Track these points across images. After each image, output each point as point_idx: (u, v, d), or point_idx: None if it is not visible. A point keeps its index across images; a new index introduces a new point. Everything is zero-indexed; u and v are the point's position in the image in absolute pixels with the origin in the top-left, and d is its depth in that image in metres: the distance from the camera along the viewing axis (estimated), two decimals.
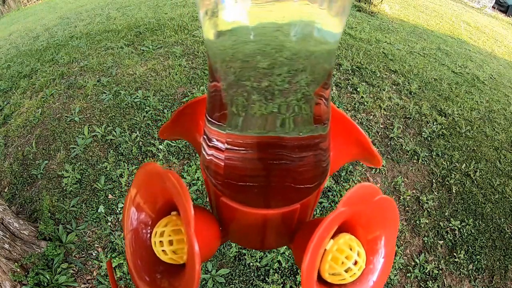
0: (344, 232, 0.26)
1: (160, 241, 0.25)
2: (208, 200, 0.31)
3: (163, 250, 0.25)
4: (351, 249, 0.25)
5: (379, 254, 0.26)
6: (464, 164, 2.67)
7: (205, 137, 0.27)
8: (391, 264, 0.26)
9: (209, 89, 0.25)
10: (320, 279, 0.25)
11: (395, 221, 0.26)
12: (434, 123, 3.00)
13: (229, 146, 0.24)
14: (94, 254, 1.93)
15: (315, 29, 0.19)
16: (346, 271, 0.24)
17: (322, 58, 0.21)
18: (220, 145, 0.25)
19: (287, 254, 1.91)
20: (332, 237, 0.25)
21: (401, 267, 2.02)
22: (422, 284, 1.97)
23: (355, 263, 0.24)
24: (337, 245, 0.25)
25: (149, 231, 0.27)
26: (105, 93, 2.96)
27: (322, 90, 0.23)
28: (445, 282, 2.00)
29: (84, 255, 1.93)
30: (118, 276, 1.83)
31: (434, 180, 2.52)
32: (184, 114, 0.33)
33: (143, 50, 3.65)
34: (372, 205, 0.24)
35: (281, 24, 0.18)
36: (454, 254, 2.11)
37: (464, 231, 2.24)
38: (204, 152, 0.28)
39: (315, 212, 2.19)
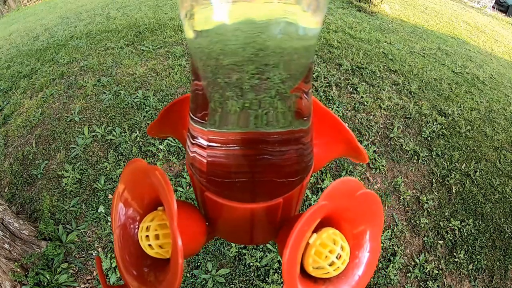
0: (328, 227, 0.26)
1: (146, 236, 0.25)
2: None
3: (149, 245, 0.25)
4: (334, 243, 0.25)
5: (364, 248, 0.26)
6: (464, 164, 2.67)
7: (189, 134, 0.27)
8: (377, 258, 0.27)
9: (192, 88, 0.25)
10: (305, 273, 0.25)
11: (379, 216, 0.26)
12: (434, 123, 3.00)
13: (210, 143, 0.25)
14: (94, 254, 1.94)
15: (288, 25, 0.19)
16: (329, 265, 0.25)
17: (298, 54, 0.21)
18: (202, 142, 0.25)
19: None
20: (316, 232, 0.25)
21: (401, 267, 2.02)
22: (422, 284, 1.97)
23: (339, 257, 0.25)
24: (320, 239, 0.25)
25: (136, 226, 0.27)
26: (105, 93, 2.97)
27: (302, 85, 0.23)
28: (445, 282, 2.00)
29: (84, 255, 1.93)
30: (118, 276, 1.83)
31: (434, 180, 2.52)
32: (172, 111, 0.33)
33: (143, 50, 3.66)
34: (355, 199, 0.25)
35: (253, 21, 0.19)
36: (454, 254, 2.11)
37: (464, 231, 2.23)
38: (188, 149, 0.28)
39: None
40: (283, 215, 0.28)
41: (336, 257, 0.25)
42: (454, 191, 2.46)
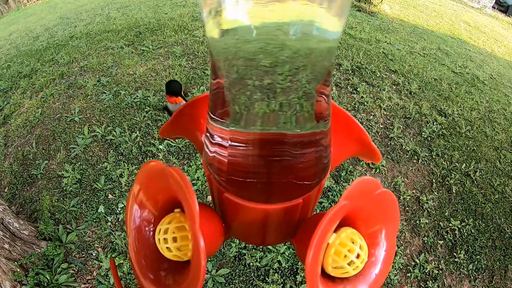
0: (346, 226, 0.26)
1: (164, 238, 0.25)
2: (208, 198, 0.31)
3: (167, 247, 0.25)
4: (353, 243, 0.25)
5: (380, 247, 0.26)
6: (464, 164, 2.67)
7: (207, 134, 0.27)
8: (392, 257, 0.27)
9: (212, 87, 0.25)
10: (324, 273, 0.25)
11: (395, 215, 0.26)
12: (434, 123, 3.00)
13: (232, 143, 0.25)
14: (94, 254, 1.93)
15: (315, 28, 0.19)
16: (348, 264, 0.25)
17: (323, 56, 0.22)
18: (223, 142, 0.25)
19: (287, 254, 1.91)
20: (334, 231, 0.25)
21: (401, 267, 2.02)
22: (422, 284, 1.97)
23: (358, 256, 0.25)
24: (340, 239, 0.25)
25: (152, 228, 0.27)
26: (105, 93, 2.96)
27: (323, 87, 0.23)
28: (445, 282, 2.00)
29: (84, 255, 1.93)
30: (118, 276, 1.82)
31: (434, 180, 2.52)
32: (184, 113, 0.33)
33: (143, 50, 3.65)
34: (373, 199, 0.25)
35: (282, 23, 0.19)
36: (454, 254, 2.11)
37: (464, 231, 2.23)
38: (206, 149, 0.28)
39: (314, 212, 2.19)
40: (301, 216, 0.28)
41: (355, 257, 0.24)
42: (454, 191, 2.46)
